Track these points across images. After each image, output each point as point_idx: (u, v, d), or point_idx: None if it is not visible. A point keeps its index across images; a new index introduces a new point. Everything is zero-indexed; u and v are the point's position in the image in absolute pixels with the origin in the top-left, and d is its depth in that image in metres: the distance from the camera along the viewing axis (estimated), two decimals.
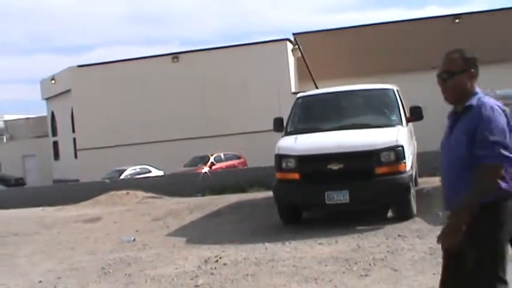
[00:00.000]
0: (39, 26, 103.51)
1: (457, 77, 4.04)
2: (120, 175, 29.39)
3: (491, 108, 3.82)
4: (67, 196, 20.87)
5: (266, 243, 9.69)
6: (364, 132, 11.16)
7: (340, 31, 36.72)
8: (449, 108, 4.41)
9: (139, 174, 29.48)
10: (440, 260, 7.45)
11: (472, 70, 4.09)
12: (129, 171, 30.47)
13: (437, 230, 9.30)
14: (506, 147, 3.70)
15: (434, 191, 13.89)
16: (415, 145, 14.04)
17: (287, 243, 9.57)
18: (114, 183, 22.36)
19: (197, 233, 11.65)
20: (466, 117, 3.91)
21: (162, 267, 8.81)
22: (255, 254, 9.03)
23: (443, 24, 34.27)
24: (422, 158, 14.93)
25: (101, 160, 34.93)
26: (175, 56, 37.68)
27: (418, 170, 14.35)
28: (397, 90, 12.59)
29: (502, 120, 3.77)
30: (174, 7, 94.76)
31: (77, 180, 34.05)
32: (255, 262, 8.49)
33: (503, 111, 3.86)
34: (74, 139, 40.21)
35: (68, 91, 39.67)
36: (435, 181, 15.49)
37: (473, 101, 3.90)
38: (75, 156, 39.98)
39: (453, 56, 4.19)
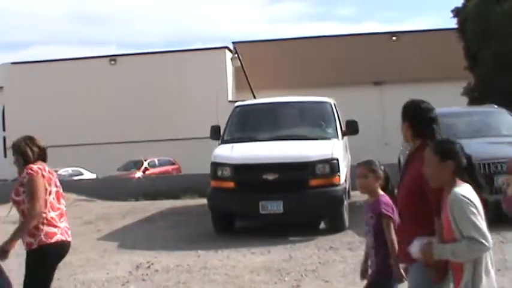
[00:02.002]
0: None
1: None
2: None
3: None
4: None
5: (199, 251, 9.66)
6: (300, 143, 11.27)
7: (279, 42, 37.01)
8: (386, 122, 4.61)
9: (71, 177, 28.98)
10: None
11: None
12: (60, 173, 29.87)
13: None
14: None
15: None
16: (349, 158, 14.26)
17: (220, 251, 9.58)
18: None
19: (129, 238, 11.53)
20: None
21: (93, 271, 8.68)
22: (187, 261, 9.00)
23: (381, 41, 34.99)
24: (355, 171, 15.16)
25: None
26: (113, 58, 37.24)
27: (351, 184, 14.57)
28: (334, 104, 12.78)
29: None
30: (116, 10, 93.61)
31: (5, 180, 33.17)
32: (187, 269, 8.47)
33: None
34: (4, 138, 39.18)
35: (0, 88, 38.66)
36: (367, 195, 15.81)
37: None
38: (5, 155, 38.95)
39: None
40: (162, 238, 11.26)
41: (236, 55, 35.56)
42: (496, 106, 13.39)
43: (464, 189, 3.71)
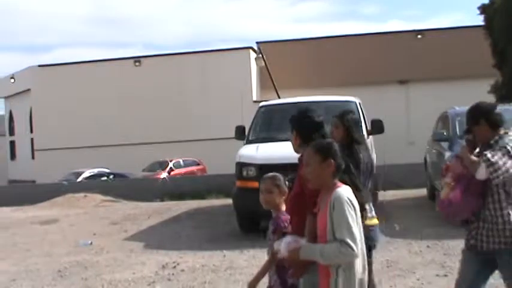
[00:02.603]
0: (0, 23, 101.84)
1: None
2: (78, 177, 29.05)
3: None
4: (23, 197, 20.58)
5: (224, 251, 9.68)
6: None
7: (304, 41, 36.92)
8: (411, 121, 4.63)
9: (98, 177, 29.19)
10: (397, 272, 7.57)
11: None
12: (86, 174, 30.13)
13: (394, 243, 9.46)
14: None
15: (392, 204, 14.12)
16: (374, 158, 14.17)
17: (245, 251, 9.58)
18: (72, 186, 22.11)
19: (155, 238, 11.59)
20: None
21: (119, 271, 8.74)
22: (213, 261, 9.02)
23: (406, 40, 34.74)
24: (380, 171, 15.09)
25: (58, 162, 34.47)
26: (137, 59, 37.43)
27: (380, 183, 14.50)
28: (359, 103, 12.72)
29: None
30: (139, 11, 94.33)
31: (34, 181, 33.55)
32: (213, 269, 8.49)
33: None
34: (32, 139, 39.61)
35: (28, 90, 39.08)
36: (393, 194, 15.75)
37: None
38: (32, 157, 39.39)
39: None
40: (188, 238, 11.31)
41: (260, 55, 35.54)
42: None
43: (347, 191, 3.63)
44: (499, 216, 4.41)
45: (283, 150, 11.16)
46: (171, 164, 29.98)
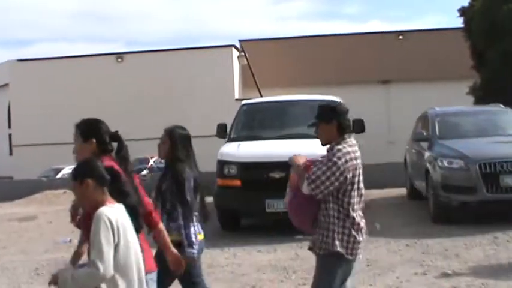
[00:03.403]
0: None
1: None
2: (57, 174, 28.86)
3: None
4: (0, 193, 20.38)
5: (204, 249, 9.66)
6: (307, 142, 11.24)
7: (286, 40, 36.97)
8: (392, 121, 4.69)
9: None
10: (377, 271, 7.63)
11: None
12: (66, 171, 29.94)
13: (375, 242, 9.53)
14: None
15: (372, 203, 14.17)
16: None
17: (226, 249, 9.58)
18: (51, 182, 21.96)
19: None
20: None
21: None
22: None
23: (388, 40, 34.92)
24: (363, 170, 15.17)
25: (37, 158, 34.16)
26: (119, 55, 37.24)
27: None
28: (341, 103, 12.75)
29: None
30: (123, 7, 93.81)
31: (11, 178, 33.24)
32: None
33: None
34: (10, 135, 39.24)
35: (6, 85, 38.71)
36: (374, 193, 15.82)
37: None
38: (10, 153, 39.02)
39: None
40: None
41: (243, 53, 35.52)
42: (502, 106, 13.38)
43: (110, 210, 3.44)
44: (327, 223, 4.56)
45: (264, 149, 11.23)
46: (151, 161, 29.88)
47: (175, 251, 4.78)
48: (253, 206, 10.72)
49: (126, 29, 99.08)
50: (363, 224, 4.64)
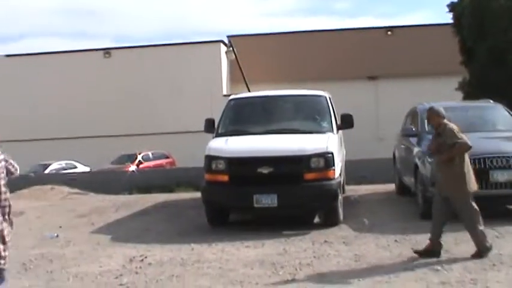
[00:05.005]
0: None
1: None
2: (45, 169, 28.71)
3: None
4: None
5: (192, 244, 9.61)
6: (295, 137, 11.22)
7: (275, 36, 36.96)
8: (380, 117, 4.62)
9: (65, 170, 28.88)
10: (365, 267, 7.61)
11: None
12: (54, 166, 29.80)
13: (363, 237, 9.51)
14: None
15: (361, 199, 14.17)
16: (344, 153, 14.24)
17: (213, 244, 9.53)
18: (39, 178, 21.82)
19: (122, 231, 11.47)
20: None
21: (86, 264, 8.63)
22: (181, 254, 8.95)
23: (376, 36, 34.97)
24: (350, 166, 15.16)
25: (24, 153, 33.72)
26: (107, 51, 37.12)
27: (346, 178, 14.55)
28: (329, 98, 12.73)
29: None
30: (110, 3, 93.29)
31: None
32: (181, 263, 8.42)
33: None
34: None
35: None
36: (362, 189, 15.83)
37: None
38: None
39: None
40: (156, 231, 11.21)
41: (231, 48, 35.49)
42: (491, 101, 13.37)
43: None
44: None
45: (252, 144, 11.18)
46: (139, 157, 29.80)
47: None
48: (241, 201, 10.66)
49: (113, 25, 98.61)
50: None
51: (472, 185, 7.85)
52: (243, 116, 12.67)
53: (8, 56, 38.11)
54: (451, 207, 7.88)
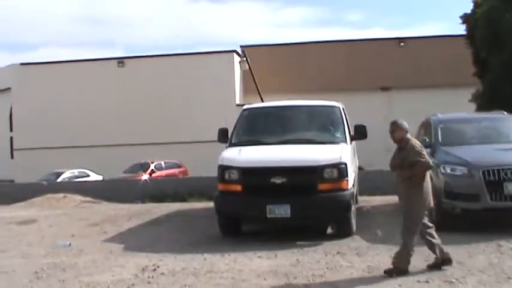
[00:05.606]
0: None
1: None
2: (58, 178, 28.83)
3: None
4: (1, 196, 20.34)
5: (205, 254, 9.60)
6: (309, 148, 11.20)
7: (288, 46, 37.03)
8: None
9: (78, 178, 28.99)
10: (378, 278, 7.57)
11: None
12: (67, 175, 29.91)
13: (376, 249, 9.45)
14: None
15: (373, 210, 14.10)
16: (357, 163, 14.20)
17: (226, 255, 9.50)
18: (51, 186, 21.89)
19: (135, 240, 11.47)
20: None
21: (98, 274, 8.63)
22: (193, 264, 8.93)
23: (389, 47, 34.92)
24: (363, 176, 15.11)
25: (38, 161, 34.17)
26: (120, 60, 37.31)
27: (359, 188, 14.50)
28: (343, 108, 12.71)
29: None
30: (125, 12, 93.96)
31: (12, 181, 33.22)
32: (193, 272, 8.40)
33: None
34: (11, 138, 39.25)
35: (8, 89, 38.77)
36: (375, 200, 15.76)
37: None
38: (12, 156, 39.02)
39: None
40: (168, 241, 11.21)
41: (244, 59, 35.53)
42: (505, 112, 13.30)
43: None
44: None
45: (266, 154, 11.17)
46: (152, 166, 29.85)
47: None
48: (254, 212, 10.63)
49: (127, 34, 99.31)
50: None
51: (428, 202, 7.83)
52: (256, 126, 12.67)
53: (22, 64, 38.38)
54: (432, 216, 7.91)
